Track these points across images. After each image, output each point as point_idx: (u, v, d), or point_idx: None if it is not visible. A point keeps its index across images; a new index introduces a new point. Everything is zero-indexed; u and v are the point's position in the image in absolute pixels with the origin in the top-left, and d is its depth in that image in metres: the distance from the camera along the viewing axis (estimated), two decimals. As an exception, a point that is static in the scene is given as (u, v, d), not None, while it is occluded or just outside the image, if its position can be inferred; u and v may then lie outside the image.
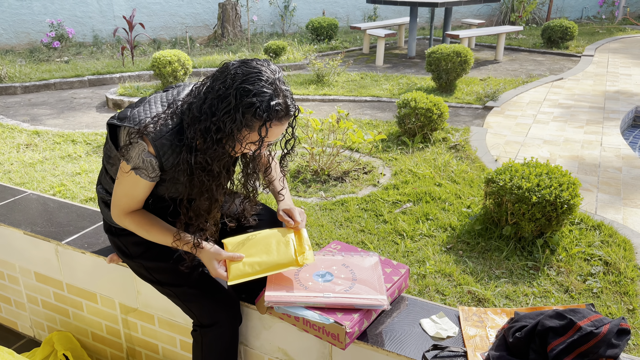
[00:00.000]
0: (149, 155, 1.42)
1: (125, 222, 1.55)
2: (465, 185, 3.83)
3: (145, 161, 1.43)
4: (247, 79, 1.34)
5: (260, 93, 1.34)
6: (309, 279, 1.56)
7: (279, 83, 1.38)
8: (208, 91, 1.38)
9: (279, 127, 1.41)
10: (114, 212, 1.56)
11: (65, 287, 2.05)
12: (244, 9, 10.68)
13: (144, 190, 1.51)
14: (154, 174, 1.46)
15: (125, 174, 1.47)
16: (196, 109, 1.39)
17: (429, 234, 3.21)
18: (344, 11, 12.15)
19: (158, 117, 1.44)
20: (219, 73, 1.38)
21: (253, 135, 1.39)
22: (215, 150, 1.39)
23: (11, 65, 7.88)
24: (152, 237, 1.54)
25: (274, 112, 1.35)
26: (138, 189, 1.50)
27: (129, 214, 1.55)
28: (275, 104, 1.35)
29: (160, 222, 1.56)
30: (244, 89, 1.33)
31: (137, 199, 1.53)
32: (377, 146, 4.66)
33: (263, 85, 1.34)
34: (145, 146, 1.41)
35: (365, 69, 8.23)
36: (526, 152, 4.59)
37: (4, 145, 4.82)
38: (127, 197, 1.52)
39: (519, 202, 2.94)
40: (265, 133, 1.37)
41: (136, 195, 1.52)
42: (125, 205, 1.53)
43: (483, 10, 12.94)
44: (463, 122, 5.52)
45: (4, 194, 2.33)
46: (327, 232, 3.24)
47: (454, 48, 6.35)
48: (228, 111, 1.34)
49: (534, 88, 6.82)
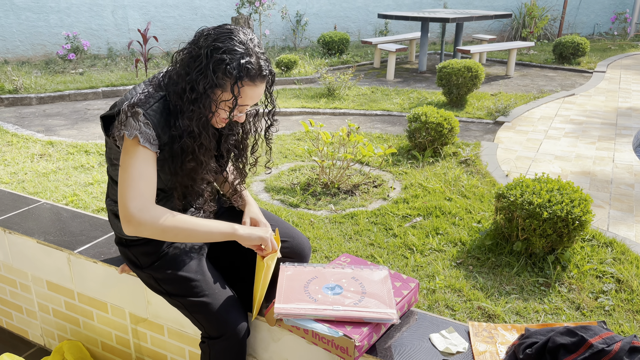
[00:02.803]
0: (145, 119, 1.41)
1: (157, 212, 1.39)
2: (476, 200, 3.82)
3: (145, 125, 1.40)
4: (218, 37, 1.38)
5: (231, 51, 1.37)
6: (318, 292, 1.56)
7: (251, 44, 1.41)
8: (183, 56, 1.43)
9: (253, 88, 1.43)
10: (134, 209, 1.36)
11: (76, 296, 2.06)
12: (256, 23, 10.80)
13: (153, 165, 1.42)
14: (155, 142, 1.43)
15: (130, 152, 1.40)
16: (174, 73, 1.44)
17: (439, 248, 3.20)
18: (355, 26, 12.25)
19: (144, 92, 1.47)
20: (194, 38, 1.43)
21: (226, 95, 1.41)
22: (192, 111, 1.41)
23: (27, 77, 8.02)
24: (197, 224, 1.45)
25: (245, 69, 1.37)
26: (149, 163, 1.41)
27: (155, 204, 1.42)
28: (246, 62, 1.37)
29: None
30: (215, 47, 1.37)
31: (152, 180, 1.41)
32: (387, 160, 4.66)
33: (234, 44, 1.38)
34: (140, 113, 1.41)
35: (376, 83, 8.27)
36: (537, 168, 4.57)
37: (19, 155, 4.89)
38: (143, 178, 1.39)
39: (530, 217, 2.93)
40: (237, 92, 1.39)
41: (150, 173, 1.41)
42: (145, 192, 1.38)
43: (494, 26, 12.97)
44: (474, 136, 5.52)
45: (19, 203, 2.37)
46: (336, 245, 3.24)
47: (465, 63, 6.37)
48: (200, 70, 1.37)
49: (545, 104, 6.81)
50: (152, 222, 1.39)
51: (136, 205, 1.37)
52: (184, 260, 1.62)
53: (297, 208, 3.80)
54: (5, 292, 2.33)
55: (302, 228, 3.45)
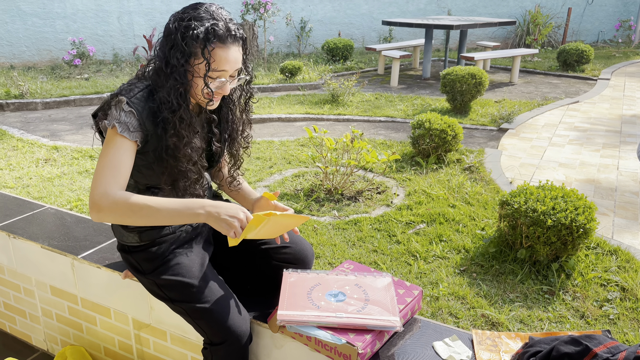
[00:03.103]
0: (128, 107, 1.43)
1: (115, 198, 1.37)
2: (480, 207, 3.81)
3: (125, 114, 1.43)
4: (184, 11, 1.45)
5: (196, 18, 1.41)
6: (321, 299, 1.56)
7: (217, 11, 1.45)
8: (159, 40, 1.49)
9: (224, 49, 1.44)
10: (95, 196, 1.37)
11: (79, 301, 2.07)
12: (261, 30, 10.85)
13: (128, 156, 1.43)
14: (135, 133, 1.44)
15: (108, 141, 1.42)
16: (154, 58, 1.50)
17: (443, 255, 3.19)
18: (359, 32, 12.28)
19: (129, 82, 1.52)
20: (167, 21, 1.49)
21: (200, 62, 1.43)
22: (170, 85, 1.44)
23: (33, 82, 8.07)
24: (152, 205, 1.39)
25: (212, 31, 1.40)
26: (122, 152, 1.41)
27: (116, 192, 1.39)
28: (212, 24, 1.41)
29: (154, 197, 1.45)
30: (181, 18, 1.42)
31: (122, 169, 1.41)
32: (390, 166, 4.66)
33: (200, 12, 1.42)
34: (123, 101, 1.44)
35: (380, 89, 8.28)
36: (541, 175, 4.56)
37: (24, 160, 4.91)
38: (111, 167, 1.39)
39: (534, 225, 2.92)
40: (208, 55, 1.41)
41: (121, 162, 1.41)
42: (110, 179, 1.38)
43: (498, 33, 12.99)
44: (477, 143, 5.51)
45: (23, 207, 2.38)
46: (339, 251, 3.23)
47: (469, 70, 6.37)
48: (171, 45, 1.42)
49: (549, 111, 6.80)
50: (109, 207, 1.37)
51: (98, 191, 1.38)
52: (186, 266, 1.62)
53: (301, 214, 3.80)
54: (8, 297, 2.33)
55: (305, 234, 3.45)
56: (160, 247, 1.65)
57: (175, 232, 1.68)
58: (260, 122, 6.57)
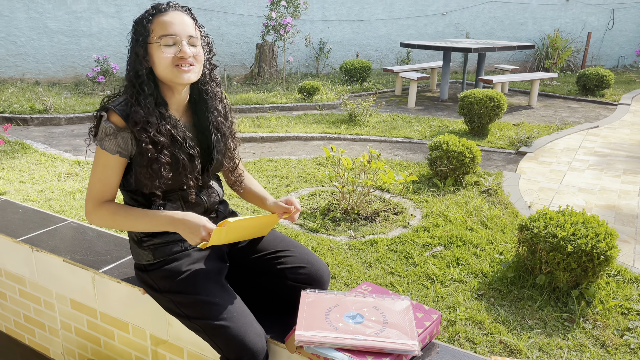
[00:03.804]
0: (109, 123, 1.56)
1: (102, 211, 1.59)
2: (498, 231, 3.78)
3: (108, 129, 1.56)
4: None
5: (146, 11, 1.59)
6: (339, 320, 1.56)
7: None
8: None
9: (166, 14, 1.56)
10: (87, 207, 1.60)
11: (98, 316, 2.09)
12: (280, 50, 11.00)
13: (115, 171, 1.59)
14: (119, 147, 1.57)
15: (95, 156, 1.60)
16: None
17: (460, 279, 3.16)
18: (377, 54, 12.38)
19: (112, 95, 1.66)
20: None
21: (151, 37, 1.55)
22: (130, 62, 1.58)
23: (57, 97, 8.26)
24: (132, 217, 1.58)
25: (152, 8, 1.57)
26: (109, 169, 1.59)
27: (103, 204, 1.60)
28: (152, 5, 1.59)
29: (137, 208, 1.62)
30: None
31: (110, 183, 1.60)
32: (408, 187, 4.66)
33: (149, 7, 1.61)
34: (106, 115, 1.57)
35: (397, 110, 8.31)
36: (561, 200, 4.52)
37: (47, 174, 5.01)
38: (100, 182, 1.59)
39: (553, 250, 2.88)
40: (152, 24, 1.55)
41: (108, 178, 1.59)
42: (98, 192, 1.60)
43: (517, 56, 12.99)
44: (495, 166, 5.49)
45: (47, 221, 2.42)
46: (355, 272, 3.22)
47: (487, 93, 6.37)
48: (130, 42, 1.58)
49: (568, 135, 6.75)
50: (98, 219, 1.61)
51: (88, 207, 1.62)
52: (202, 283, 1.64)
53: (317, 233, 3.81)
54: (29, 309, 2.37)
55: (321, 254, 3.45)
56: (174, 264, 1.67)
57: (187, 249, 1.71)
58: (277, 140, 6.63)
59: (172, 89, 1.63)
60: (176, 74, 1.56)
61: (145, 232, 1.70)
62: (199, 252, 1.73)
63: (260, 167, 5.34)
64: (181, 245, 1.71)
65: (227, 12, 11.03)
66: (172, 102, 1.66)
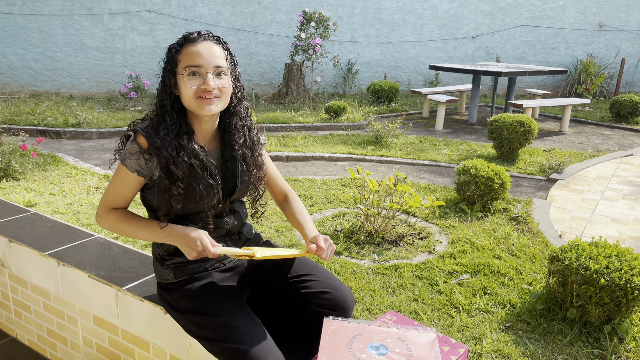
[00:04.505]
0: (134, 143, 1.58)
1: (110, 216, 1.64)
2: (527, 260, 3.67)
3: (132, 149, 1.58)
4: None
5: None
6: (362, 350, 1.51)
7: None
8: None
9: (194, 45, 1.56)
10: (99, 211, 1.65)
11: (120, 333, 2.08)
12: (308, 70, 11.09)
13: (131, 187, 1.63)
14: (139, 166, 1.59)
15: (116, 170, 1.64)
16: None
17: (487, 309, 3.07)
18: (405, 75, 12.38)
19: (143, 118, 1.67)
20: None
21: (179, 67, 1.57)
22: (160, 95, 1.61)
23: (90, 112, 8.47)
24: (136, 226, 1.62)
25: (182, 37, 1.59)
26: (126, 183, 1.62)
27: (113, 210, 1.65)
28: (183, 35, 1.60)
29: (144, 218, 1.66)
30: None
31: (124, 195, 1.64)
32: (434, 212, 4.58)
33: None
34: (133, 136, 1.59)
35: (424, 132, 8.25)
36: (593, 230, 4.38)
37: (76, 187, 5.10)
38: (114, 192, 1.64)
39: (585, 284, 2.78)
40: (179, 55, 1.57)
41: (123, 190, 1.63)
42: (111, 200, 1.64)
43: (548, 81, 12.83)
44: (525, 193, 5.37)
45: (74, 235, 2.45)
46: (378, 297, 3.16)
47: (517, 117, 6.28)
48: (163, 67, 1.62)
49: (601, 163, 6.59)
50: (105, 224, 1.66)
51: (99, 211, 1.67)
52: (224, 305, 1.62)
53: (340, 256, 3.76)
54: (52, 323, 2.38)
55: (344, 277, 3.40)
56: (195, 284, 1.66)
57: (209, 270, 1.70)
58: (303, 160, 6.63)
59: (199, 118, 1.64)
60: (199, 105, 1.57)
61: (167, 251, 1.70)
62: (220, 273, 1.71)
63: (285, 187, 5.34)
64: (203, 266, 1.70)
65: (257, 32, 11.21)
66: (198, 130, 1.67)
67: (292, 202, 1.89)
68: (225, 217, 1.74)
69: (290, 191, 1.94)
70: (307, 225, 1.79)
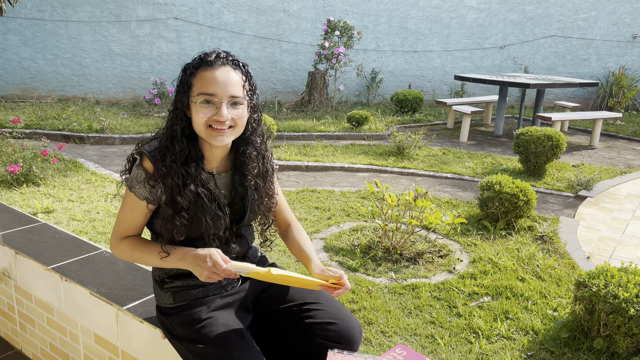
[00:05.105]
0: (140, 169, 1.52)
1: (122, 245, 1.59)
2: (552, 284, 3.50)
3: (139, 175, 1.52)
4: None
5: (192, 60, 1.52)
6: (367, 389, 1.40)
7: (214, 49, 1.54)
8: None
9: (210, 70, 1.46)
10: (112, 241, 1.62)
11: (120, 354, 2.01)
12: (332, 78, 11.02)
13: (141, 214, 1.58)
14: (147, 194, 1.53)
15: (124, 197, 1.59)
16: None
17: (508, 335, 2.91)
18: (430, 85, 12.21)
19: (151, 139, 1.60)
20: None
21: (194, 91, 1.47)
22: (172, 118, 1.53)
23: (114, 117, 8.55)
24: (148, 253, 1.56)
25: (199, 59, 1.49)
26: (136, 211, 1.57)
27: (125, 239, 1.60)
28: (202, 54, 1.49)
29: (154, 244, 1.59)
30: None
31: (135, 224, 1.59)
32: (455, 228, 4.43)
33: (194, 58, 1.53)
34: (140, 160, 1.53)
35: (448, 144, 8.08)
36: (623, 252, 4.17)
37: (95, 194, 5.11)
38: (126, 222, 1.59)
39: (614, 312, 2.61)
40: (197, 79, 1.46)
41: (135, 219, 1.58)
42: (123, 230, 1.60)
43: (578, 93, 12.49)
44: (552, 210, 5.17)
45: (80, 249, 2.40)
46: (394, 319, 3.03)
47: (545, 131, 6.08)
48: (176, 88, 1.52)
49: (633, 180, 6.32)
50: (119, 253, 1.62)
51: (112, 241, 1.63)
52: (222, 334, 1.53)
53: (356, 272, 3.65)
54: (55, 338, 2.33)
55: (358, 296, 3.28)
56: (195, 310, 1.59)
57: (209, 296, 1.62)
58: (322, 170, 6.54)
59: (210, 144, 1.56)
60: (209, 135, 1.49)
61: (167, 273, 1.63)
62: (221, 299, 1.63)
63: (302, 198, 5.25)
64: (203, 291, 1.62)
65: (281, 40, 11.20)
66: (209, 154, 1.59)
67: (296, 232, 1.81)
68: (232, 243, 1.67)
69: (293, 220, 1.85)
70: (313, 258, 1.68)
